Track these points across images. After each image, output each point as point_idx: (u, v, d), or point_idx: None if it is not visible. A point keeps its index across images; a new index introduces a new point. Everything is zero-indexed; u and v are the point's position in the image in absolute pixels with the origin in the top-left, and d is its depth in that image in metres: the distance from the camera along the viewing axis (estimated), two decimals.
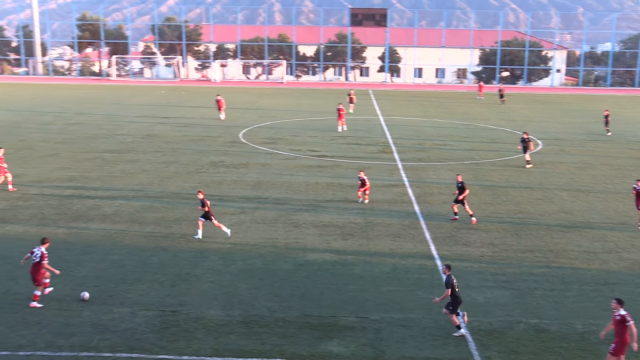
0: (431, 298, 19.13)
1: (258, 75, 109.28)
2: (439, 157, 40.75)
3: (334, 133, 48.49)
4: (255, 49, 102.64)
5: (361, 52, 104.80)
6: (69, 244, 23.46)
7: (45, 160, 37.64)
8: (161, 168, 36.04)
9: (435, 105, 69.12)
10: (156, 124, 51.90)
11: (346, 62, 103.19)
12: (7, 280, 19.88)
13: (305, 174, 35.24)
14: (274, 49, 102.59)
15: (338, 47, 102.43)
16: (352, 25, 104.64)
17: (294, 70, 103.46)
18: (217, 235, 24.61)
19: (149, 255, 22.41)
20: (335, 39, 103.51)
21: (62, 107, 61.60)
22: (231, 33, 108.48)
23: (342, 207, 28.81)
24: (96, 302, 18.60)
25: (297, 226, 26.00)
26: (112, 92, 77.44)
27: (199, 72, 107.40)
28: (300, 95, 77.76)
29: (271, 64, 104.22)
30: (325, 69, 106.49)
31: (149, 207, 28.26)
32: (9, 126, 49.44)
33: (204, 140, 44.93)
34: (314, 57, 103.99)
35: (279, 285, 20.07)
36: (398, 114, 61.24)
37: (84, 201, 29.04)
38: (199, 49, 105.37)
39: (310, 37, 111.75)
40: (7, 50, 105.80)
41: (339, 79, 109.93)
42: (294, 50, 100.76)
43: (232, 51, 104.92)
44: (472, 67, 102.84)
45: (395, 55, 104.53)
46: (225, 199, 29.75)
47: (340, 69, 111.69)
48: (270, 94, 78.08)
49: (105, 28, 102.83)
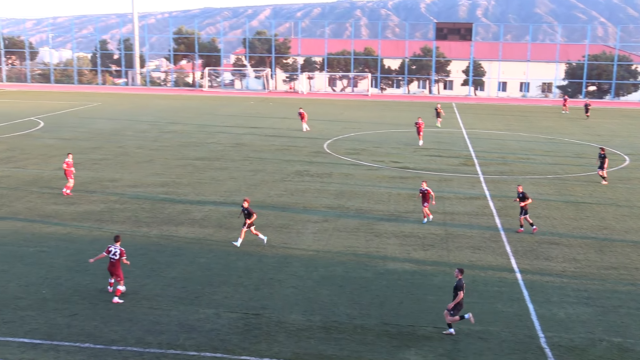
0: (509, 312, 18.68)
1: (343, 88, 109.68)
2: (522, 170, 39.81)
3: (416, 145, 48.10)
4: (341, 62, 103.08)
5: (445, 65, 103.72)
6: (160, 246, 24.13)
7: (141, 166, 38.88)
8: (248, 176, 36.62)
9: (519, 119, 67.62)
10: (245, 133, 52.82)
11: (430, 75, 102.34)
12: (104, 279, 20.58)
13: (387, 184, 35.09)
14: (360, 62, 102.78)
15: (423, 61, 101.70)
16: (437, 39, 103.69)
17: (379, 83, 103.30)
18: (300, 242, 24.80)
19: (235, 260, 22.78)
20: (420, 53, 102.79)
21: (157, 116, 63.54)
22: (318, 46, 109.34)
23: (423, 218, 28.49)
24: (183, 302, 19.04)
25: (378, 235, 25.91)
26: (204, 103, 79.32)
27: (287, 84, 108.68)
28: (384, 107, 77.59)
29: (357, 76, 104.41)
30: (409, 82, 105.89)
31: (236, 213, 28.71)
32: (108, 133, 51.36)
33: (290, 150, 45.41)
34: (398, 71, 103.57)
35: (359, 293, 20.03)
36: (481, 127, 60.23)
37: (175, 206, 29.82)
38: (287, 62, 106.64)
39: (395, 50, 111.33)
40: (109, 62, 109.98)
41: (422, 92, 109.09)
42: (379, 63, 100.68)
43: (319, 64, 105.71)
44: (558, 81, 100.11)
45: (480, 69, 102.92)
46: (308, 208, 29.95)
47: (424, 82, 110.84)
48: (355, 106, 78.22)
49: (200, 41, 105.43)
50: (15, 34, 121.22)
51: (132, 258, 22.55)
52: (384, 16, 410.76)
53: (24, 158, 40.47)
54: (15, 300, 18.92)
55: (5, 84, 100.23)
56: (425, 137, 51.37)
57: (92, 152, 42.77)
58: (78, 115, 62.85)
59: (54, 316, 17.95)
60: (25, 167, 37.88)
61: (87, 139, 48.19)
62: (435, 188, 34.17)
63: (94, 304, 18.81)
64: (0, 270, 21.36)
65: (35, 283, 20.30)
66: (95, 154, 42.15)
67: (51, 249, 23.54)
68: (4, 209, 28.71)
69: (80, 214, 28.13)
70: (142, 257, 22.77)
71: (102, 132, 51.81)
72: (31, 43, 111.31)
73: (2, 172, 35.96)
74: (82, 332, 17.01)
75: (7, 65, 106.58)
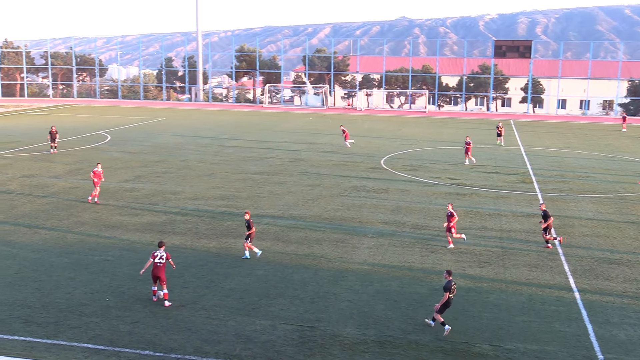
0: (567, 332, 18.21)
1: (401, 105, 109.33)
2: (581, 188, 38.86)
3: (473, 163, 47.48)
4: (399, 79, 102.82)
5: (504, 83, 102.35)
6: (219, 257, 24.39)
7: (202, 179, 39.46)
8: (306, 190, 36.77)
9: (579, 137, 66.10)
10: (303, 149, 53.11)
11: (488, 92, 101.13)
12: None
13: (443, 201, 34.72)
14: (418, 79, 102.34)
15: (481, 78, 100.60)
16: (496, 56, 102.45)
17: (437, 100, 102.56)
18: (356, 257, 24.73)
19: (291, 272, 22.85)
20: (478, 70, 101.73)
21: (218, 131, 64.48)
22: (377, 64, 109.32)
23: (479, 235, 28.10)
24: (241, 313, 19.18)
25: (433, 251, 25.64)
26: (264, 118, 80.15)
27: (345, 101, 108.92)
28: (441, 124, 76.98)
29: (414, 93, 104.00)
30: (467, 99, 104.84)
31: (293, 227, 28.87)
32: (172, 147, 52.36)
33: (347, 165, 45.43)
34: (456, 88, 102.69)
35: (414, 309, 19.82)
36: (539, 144, 59.11)
37: (234, 218, 30.13)
38: (345, 79, 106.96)
39: (453, 68, 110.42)
40: (174, 79, 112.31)
41: (480, 109, 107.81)
42: (437, 80, 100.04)
43: (377, 81, 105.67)
44: (620, 98, 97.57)
45: (539, 86, 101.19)
46: (364, 223, 29.86)
47: (482, 100, 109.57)
48: (412, 123, 77.85)
49: (261, 59, 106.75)
50: (87, 52, 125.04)
51: (192, 269, 22.90)
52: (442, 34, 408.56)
53: (91, 170, 41.52)
54: (81, 307, 19.38)
55: (76, 99, 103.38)
56: (482, 154, 50.68)
57: (155, 165, 43.66)
58: (143, 130, 64.33)
59: (117, 323, 18.31)
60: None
61: (151, 153, 49.23)
62: (491, 205, 33.69)
63: (154, 312, 19.11)
64: (68, 277, 21.94)
65: (99, 291, 20.77)
66: (159, 167, 43.01)
67: (115, 258, 24.06)
68: (72, 219, 29.52)
69: (143, 225, 28.70)
70: (202, 268, 23.06)
71: (165, 146, 52.85)
72: (101, 60, 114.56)
73: (71, 184, 37.02)
74: (142, 340, 17.30)
75: (78, 82, 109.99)
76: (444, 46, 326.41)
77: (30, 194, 34.51)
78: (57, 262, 23.56)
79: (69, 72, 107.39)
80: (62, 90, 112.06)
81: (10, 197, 33.87)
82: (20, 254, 24.45)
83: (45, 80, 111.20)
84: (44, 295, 20.25)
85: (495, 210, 32.81)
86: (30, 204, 32.39)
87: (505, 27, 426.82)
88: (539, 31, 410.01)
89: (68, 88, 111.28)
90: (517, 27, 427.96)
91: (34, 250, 24.94)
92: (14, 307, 19.27)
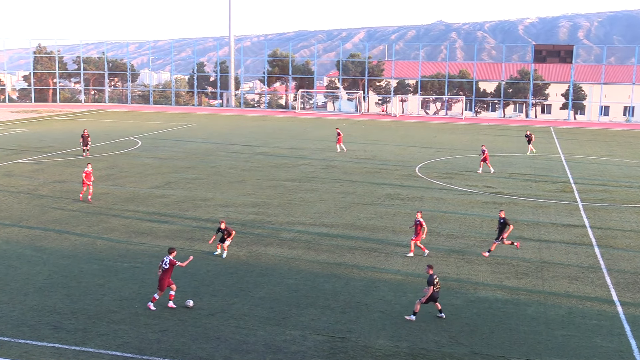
0: (609, 347, 17.89)
1: (437, 111, 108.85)
2: (625, 198, 38.21)
3: (511, 169, 47.05)
4: (435, 85, 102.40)
5: (543, 89, 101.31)
6: (248, 265, 24.49)
7: (232, 185, 39.71)
8: (338, 198, 36.76)
9: (622, 145, 65.07)
10: (335, 155, 53.12)
11: (527, 99, 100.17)
12: (192, 296, 21.05)
13: (480, 210, 34.44)
14: (454, 85, 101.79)
15: (520, 84, 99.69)
16: (535, 61, 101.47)
17: (473, 106, 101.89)
18: (389, 266, 24.64)
19: (322, 282, 22.84)
20: (517, 76, 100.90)
21: (250, 137, 64.87)
22: (412, 69, 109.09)
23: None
24: (270, 323, 19.22)
25: (469, 262, 25.42)
26: (296, 124, 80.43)
27: (379, 107, 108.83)
28: (478, 131, 76.42)
29: (451, 99, 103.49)
30: (505, 106, 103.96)
31: (325, 235, 28.87)
32: (202, 153, 52.80)
33: (381, 172, 45.33)
34: (494, 94, 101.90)
35: (448, 320, 19.67)
36: (580, 152, 58.32)
37: (265, 226, 30.25)
38: (380, 84, 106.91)
39: (491, 73, 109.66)
40: (206, 84, 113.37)
41: (519, 115, 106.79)
42: (474, 86, 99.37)
43: (413, 87, 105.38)
44: None
45: (580, 92, 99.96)
46: (398, 231, 29.74)
47: (520, 106, 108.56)
48: (449, 130, 77.42)
49: (294, 64, 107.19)
50: (119, 57, 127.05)
51: (221, 277, 23.02)
52: (480, 38, 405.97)
53: (122, 176, 42.12)
54: (109, 314, 19.61)
55: (107, 105, 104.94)
56: (521, 162, 50.19)
57: (186, 172, 44.07)
58: (174, 136, 65.00)
59: (145, 331, 18.49)
60: (123, 185, 39.39)
61: (182, 159, 49.70)
62: (530, 215, 33.31)
63: (183, 320, 19.25)
64: (97, 284, 22.22)
65: (128, 298, 21.00)
66: (189, 173, 43.39)
67: (144, 265, 24.31)
68: (102, 225, 29.92)
69: (173, 232, 28.96)
70: (231, 276, 23.17)
71: (196, 152, 53.32)
72: (133, 65, 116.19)
73: (102, 190, 37.53)
74: (170, 348, 17.43)
75: (110, 87, 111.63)
76: (481, 51, 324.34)
77: (61, 199, 35.07)
78: (86, 268, 23.89)
79: (101, 77, 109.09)
80: (94, 96, 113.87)
81: (41, 202, 34.47)
82: (50, 259, 24.85)
83: (77, 85, 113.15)
84: (73, 302, 20.54)
85: (533, 220, 32.42)
86: (60, 209, 32.92)
87: (546, 31, 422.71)
88: (581, 35, 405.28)
89: (100, 93, 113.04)
90: (558, 31, 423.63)
91: (64, 256, 25.32)
92: (43, 313, 19.58)
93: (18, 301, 20.54)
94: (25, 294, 21.14)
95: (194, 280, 22.66)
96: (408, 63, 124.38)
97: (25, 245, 26.74)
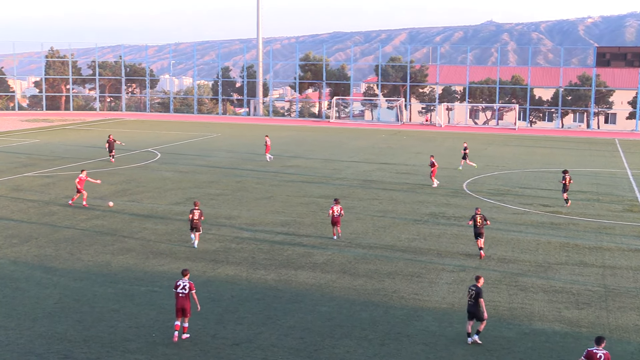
0: None
1: (487, 120, 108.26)
2: None
3: (570, 186, 46.47)
4: (485, 92, 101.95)
5: (607, 96, 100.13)
6: (277, 291, 24.51)
7: (260, 202, 39.87)
8: (377, 217, 36.69)
9: None
10: (374, 169, 53.10)
11: (589, 107, 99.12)
12: (215, 324, 21.14)
13: (535, 231, 34.08)
14: (506, 91, 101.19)
15: (580, 91, 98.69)
16: (598, 65, 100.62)
17: (528, 115, 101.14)
18: (433, 294, 24.49)
19: (359, 310, 22.76)
20: (577, 82, 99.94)
21: (279, 148, 65.14)
22: (459, 74, 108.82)
23: (577, 272, 27.41)
24: (301, 354, 19.18)
25: (523, 289, 25.14)
26: (331, 135, 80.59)
27: (422, 116, 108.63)
28: (533, 143, 75.79)
29: (502, 108, 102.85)
30: (563, 115, 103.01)
31: (362, 258, 28.80)
32: (227, 167, 53.14)
33: (424, 189, 45.16)
34: (551, 102, 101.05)
35: (500, 355, 19.44)
36: None
37: (295, 248, 30.29)
38: (423, 91, 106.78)
39: (548, 79, 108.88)
40: (231, 91, 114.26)
41: (579, 126, 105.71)
42: (528, 93, 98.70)
43: (460, 93, 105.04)
44: None
45: None
46: (444, 255, 29.56)
47: (581, 115, 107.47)
48: (500, 141, 76.92)
49: (328, 68, 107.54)
50: (137, 61, 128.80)
51: (247, 303, 23.09)
52: (535, 40, 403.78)
53: (139, 191, 42.58)
54: (125, 343, 19.76)
55: (124, 113, 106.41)
56: (581, 178, 49.60)
57: (209, 187, 44.38)
58: (196, 147, 65.59)
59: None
60: (141, 200, 39.82)
61: (204, 172, 50.10)
62: (592, 238, 32.89)
63: (205, 350, 19.31)
64: (111, 309, 22.42)
65: (145, 325, 21.15)
66: (213, 189, 43.69)
67: (163, 289, 24.47)
68: (117, 245, 30.24)
69: (195, 253, 29.14)
70: (258, 303, 23.21)
71: (220, 165, 53.70)
72: (152, 70, 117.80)
73: (117, 206, 37.96)
74: None
75: (127, 94, 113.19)
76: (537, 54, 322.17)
77: (74, 217, 35.55)
78: (100, 291, 24.13)
79: (118, 83, 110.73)
80: (110, 103, 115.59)
81: (52, 219, 34.98)
82: (61, 282, 25.16)
83: (92, 92, 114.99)
84: (86, 329, 20.75)
85: (596, 243, 31.98)
86: (73, 228, 33.36)
87: (610, 32, 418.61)
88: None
89: (116, 101, 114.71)
90: (625, 31, 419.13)
91: (76, 278, 25.62)
92: (52, 341, 19.80)
93: (26, 327, 20.81)
94: (34, 320, 21.42)
95: (217, 306, 22.74)
96: (454, 67, 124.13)
97: (35, 266, 27.14)
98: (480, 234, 29.29)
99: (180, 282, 20.10)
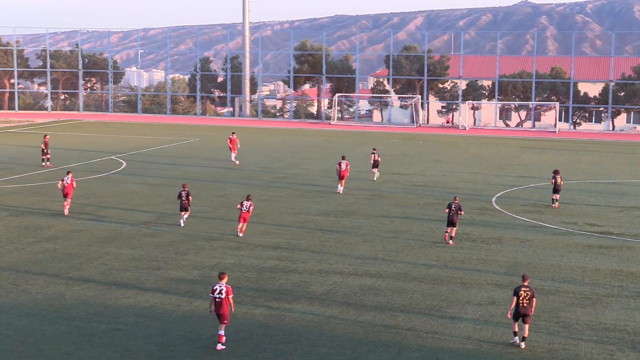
0: None
1: (521, 122, 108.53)
2: None
3: (623, 201, 46.55)
4: (518, 87, 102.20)
5: None
6: (267, 328, 24.45)
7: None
8: (388, 238, 36.67)
9: None
10: (385, 181, 53.13)
11: None
12: None
13: (580, 255, 34.08)
14: (545, 87, 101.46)
15: (635, 85, 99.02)
16: None
17: (570, 115, 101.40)
18: (455, 332, 24.46)
19: (366, 351, 22.72)
20: (632, 74, 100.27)
21: (270, 156, 65.17)
22: (487, 66, 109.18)
23: (632, 306, 27.39)
24: None
25: (566, 327, 25.12)
26: (332, 139, 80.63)
27: (443, 116, 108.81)
28: (578, 149, 75.92)
29: (539, 107, 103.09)
30: (614, 115, 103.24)
31: (370, 288, 28.76)
32: (207, 179, 53.12)
33: (445, 204, 45.04)
34: (599, 99, 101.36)
35: None
36: None
37: (289, 276, 30.24)
38: (444, 87, 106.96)
39: (595, 71, 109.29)
40: (212, 87, 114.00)
41: (634, 128, 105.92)
42: (571, 88, 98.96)
43: (487, 90, 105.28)
44: None
45: None
46: (469, 284, 29.52)
47: (636, 116, 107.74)
48: (537, 147, 77.02)
49: (328, 59, 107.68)
50: (97, 50, 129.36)
51: (231, 344, 23.04)
52: (580, 24, 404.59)
53: (100, 208, 42.55)
54: None
55: (82, 114, 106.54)
56: (637, 189, 49.59)
57: None
58: (169, 154, 65.60)
59: None
60: (102, 219, 39.78)
61: (179, 186, 49.84)
62: None
63: None
64: (65, 352, 22.32)
65: None
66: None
67: (128, 326, 24.40)
68: (73, 273, 30.17)
69: (167, 283, 29.08)
70: (244, 343, 23.12)
71: (199, 177, 53.67)
72: (115, 62, 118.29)
73: (74, 226, 37.94)
74: None
75: (85, 90, 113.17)
76: (582, 41, 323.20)
77: (19, 239, 35.47)
78: (51, 330, 24.04)
79: (74, 77, 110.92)
80: (64, 102, 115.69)
81: None
82: (3, 319, 25.06)
83: (42, 88, 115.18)
84: None
85: None
86: (17, 252, 33.28)
87: None
88: None
89: (72, 98, 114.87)
90: None
91: (21, 314, 25.52)
92: None
93: None
94: None
95: (194, 347, 22.67)
96: (482, 58, 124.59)
97: None
98: (453, 223, 35.37)
99: (217, 287, 21.53)
